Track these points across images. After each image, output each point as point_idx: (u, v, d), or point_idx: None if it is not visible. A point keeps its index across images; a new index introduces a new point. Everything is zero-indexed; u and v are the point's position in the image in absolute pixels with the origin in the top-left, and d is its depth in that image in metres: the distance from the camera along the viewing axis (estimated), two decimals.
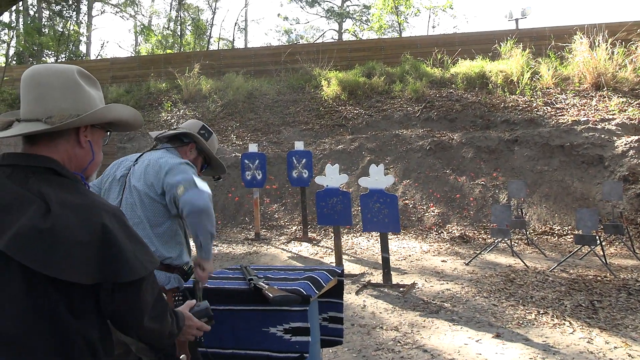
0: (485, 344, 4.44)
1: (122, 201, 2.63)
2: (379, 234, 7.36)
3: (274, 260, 7.93)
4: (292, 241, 9.16)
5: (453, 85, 13.72)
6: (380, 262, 6.99)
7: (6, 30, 26.90)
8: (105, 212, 1.30)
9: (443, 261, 7.47)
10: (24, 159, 1.35)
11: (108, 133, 1.56)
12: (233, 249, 8.79)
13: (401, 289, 6.08)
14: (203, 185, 2.56)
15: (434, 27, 49.37)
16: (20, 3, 24.57)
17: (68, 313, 1.24)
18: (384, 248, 6.29)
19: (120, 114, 1.51)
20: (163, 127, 13.87)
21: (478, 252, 7.60)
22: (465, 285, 6.22)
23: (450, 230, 9.22)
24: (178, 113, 14.54)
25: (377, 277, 6.67)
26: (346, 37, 32.97)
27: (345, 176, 6.97)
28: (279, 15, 47.85)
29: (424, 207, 9.97)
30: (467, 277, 6.59)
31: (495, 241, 7.63)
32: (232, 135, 13.28)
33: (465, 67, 14.15)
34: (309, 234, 9.39)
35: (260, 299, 2.64)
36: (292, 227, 10.13)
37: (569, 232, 8.70)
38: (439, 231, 9.26)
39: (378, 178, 6.32)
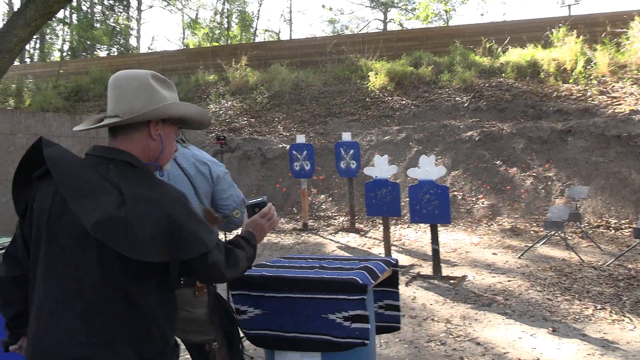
0: (540, 338, 4.36)
1: None
2: (427, 225, 7.30)
3: (322, 250, 7.98)
4: (340, 232, 9.19)
5: (503, 75, 13.40)
6: (429, 254, 6.94)
7: (61, 26, 27.83)
8: (170, 202, 1.51)
9: (494, 254, 7.35)
10: (107, 151, 1.59)
11: (180, 129, 1.77)
12: (281, 238, 8.89)
13: (452, 281, 6.02)
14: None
15: (482, 14, 48.32)
16: None
17: (131, 281, 1.47)
18: (434, 240, 6.23)
19: (181, 111, 1.71)
20: (211, 119, 14.09)
21: (530, 245, 7.43)
22: (517, 278, 6.10)
23: (500, 223, 9.05)
24: (226, 105, 14.74)
25: (426, 268, 6.63)
26: (391, 26, 32.64)
27: (395, 167, 6.93)
28: (323, 6, 47.81)
29: (474, 199, 9.81)
30: (520, 270, 6.46)
31: (549, 234, 7.45)
32: (279, 127, 13.38)
33: (515, 55, 13.79)
34: (356, 225, 9.40)
35: (319, 287, 2.67)
36: (339, 218, 10.16)
37: (627, 225, 8.40)
38: (489, 223, 9.11)
39: (429, 169, 6.25)
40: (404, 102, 13.34)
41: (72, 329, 1.43)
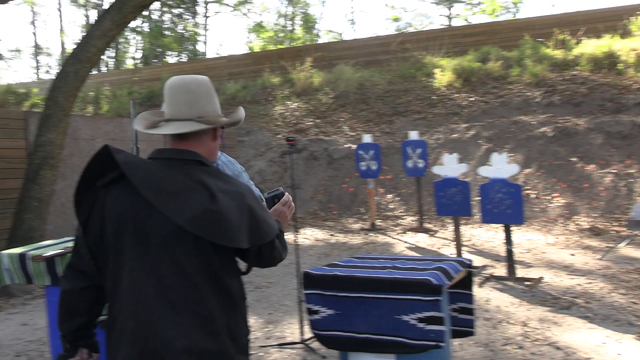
0: (626, 344, 4.11)
1: None
2: (499, 225, 7.07)
3: (391, 250, 7.89)
4: (408, 232, 9.07)
5: (577, 67, 12.82)
6: (502, 255, 6.74)
7: (133, 35, 29.05)
8: (246, 195, 1.63)
9: (572, 255, 7.03)
10: (178, 153, 1.66)
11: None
12: (349, 239, 8.87)
13: (527, 283, 5.80)
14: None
15: (553, 5, 46.44)
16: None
17: (223, 271, 1.59)
18: (508, 240, 6.02)
19: (241, 115, 1.89)
20: (277, 121, 14.28)
21: (612, 245, 7.05)
22: (598, 280, 5.80)
23: (578, 222, 8.64)
24: (292, 106, 14.89)
25: (499, 269, 6.42)
26: (456, 22, 31.94)
27: (465, 165, 6.77)
28: (386, 5, 47.47)
29: (548, 198, 9.42)
30: (601, 272, 6.14)
31: (632, 234, 7.04)
32: (345, 127, 13.37)
33: (590, 47, 13.14)
34: (425, 225, 9.25)
35: (392, 287, 2.63)
36: (407, 218, 10.03)
37: None
38: (566, 223, 8.71)
39: (500, 167, 6.05)
40: (472, 98, 13.01)
41: (178, 322, 1.51)
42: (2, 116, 8.06)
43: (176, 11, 29.38)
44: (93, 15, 30.37)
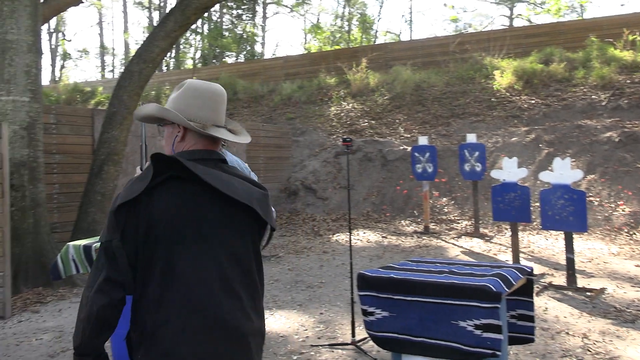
0: None
1: None
2: (558, 232, 6.83)
3: (444, 255, 7.76)
4: (463, 236, 8.89)
5: None
6: (561, 263, 6.52)
7: (193, 35, 29.78)
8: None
9: (637, 266, 6.71)
10: (206, 154, 1.74)
11: None
12: (402, 241, 8.79)
13: (588, 293, 5.58)
14: None
15: (622, 5, 44.49)
16: None
17: (260, 252, 1.78)
18: (569, 248, 5.81)
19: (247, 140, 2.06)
20: (332, 121, 14.30)
21: None
22: None
23: None
24: (347, 107, 14.89)
25: (558, 278, 6.20)
26: (517, 23, 31.10)
27: (525, 170, 6.57)
28: (445, 5, 46.72)
29: (612, 205, 9.03)
30: None
31: None
32: (400, 128, 13.26)
33: None
34: (481, 230, 9.05)
35: (449, 293, 2.59)
36: (462, 222, 9.84)
37: None
38: (631, 232, 8.31)
39: (563, 172, 5.85)
40: (533, 101, 12.63)
41: (241, 307, 1.62)
42: (71, 113, 8.44)
43: (235, 12, 29.92)
44: (157, 16, 31.36)
